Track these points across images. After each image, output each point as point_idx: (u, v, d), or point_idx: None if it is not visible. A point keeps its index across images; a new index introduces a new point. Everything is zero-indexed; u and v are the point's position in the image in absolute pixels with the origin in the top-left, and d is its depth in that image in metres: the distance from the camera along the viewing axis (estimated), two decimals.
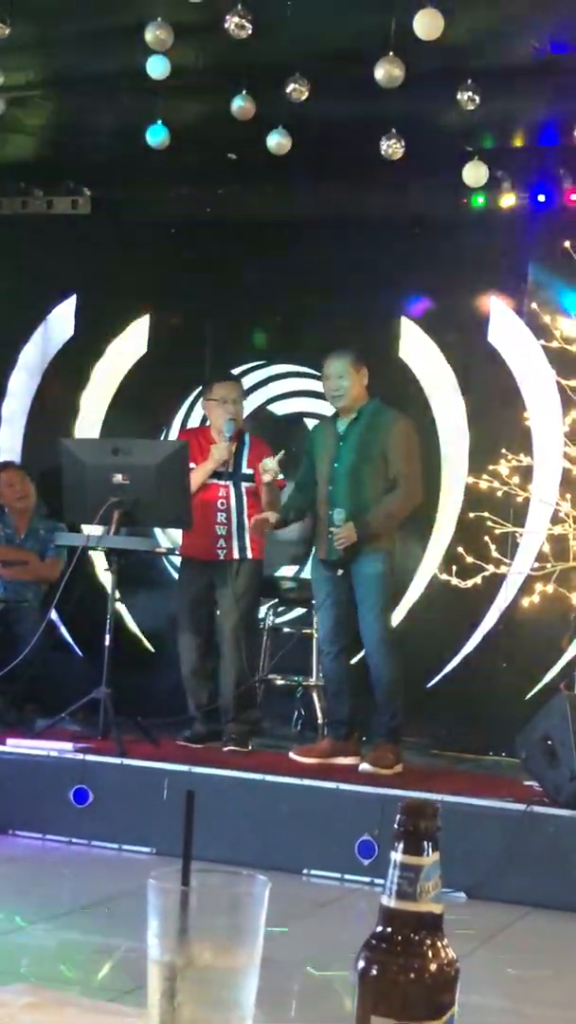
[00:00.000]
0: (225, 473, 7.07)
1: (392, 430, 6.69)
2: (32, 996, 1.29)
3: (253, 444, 7.21)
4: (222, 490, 7.08)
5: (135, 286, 8.95)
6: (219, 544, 7.05)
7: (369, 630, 6.61)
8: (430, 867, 1.03)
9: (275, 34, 6.27)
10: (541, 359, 7.82)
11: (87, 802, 6.25)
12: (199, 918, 1.05)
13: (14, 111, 7.02)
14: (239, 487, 7.10)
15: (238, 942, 1.05)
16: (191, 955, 1.03)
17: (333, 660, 6.79)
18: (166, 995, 1.03)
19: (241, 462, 7.14)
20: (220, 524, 7.05)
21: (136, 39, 6.18)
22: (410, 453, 6.72)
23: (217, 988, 1.04)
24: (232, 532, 7.05)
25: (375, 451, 6.66)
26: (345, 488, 6.63)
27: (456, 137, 7.46)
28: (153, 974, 1.05)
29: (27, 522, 8.34)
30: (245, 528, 7.07)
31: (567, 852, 5.67)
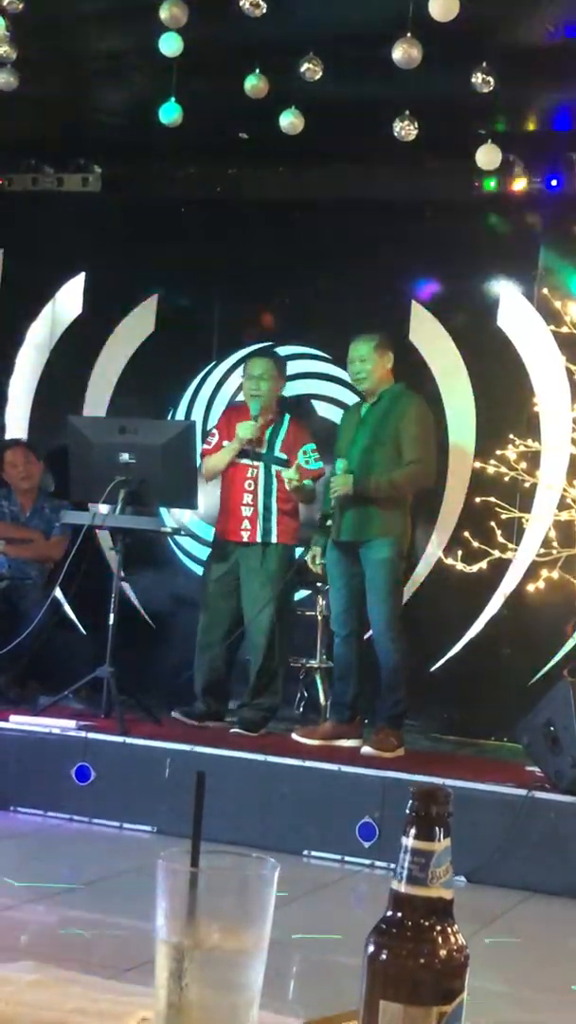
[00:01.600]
0: (255, 452, 6.98)
1: (407, 415, 6.69)
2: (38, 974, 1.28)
3: (291, 427, 7.09)
4: (252, 470, 6.99)
5: (144, 265, 8.93)
6: (244, 526, 6.98)
7: (376, 615, 6.62)
8: (441, 853, 1.03)
9: (289, 13, 6.24)
10: (551, 344, 7.80)
11: (89, 780, 6.26)
12: (208, 899, 1.05)
13: (25, 87, 6.98)
14: (269, 469, 6.98)
15: (246, 924, 1.05)
16: (199, 936, 1.03)
17: (342, 643, 6.79)
18: (174, 975, 1.03)
19: (276, 443, 7.04)
20: (246, 505, 6.98)
21: (150, 16, 6.15)
22: (423, 437, 6.71)
23: (225, 969, 1.04)
24: (257, 514, 6.96)
25: (388, 435, 6.67)
26: (358, 469, 6.64)
27: (469, 120, 7.43)
28: (161, 954, 1.05)
29: (33, 500, 8.33)
30: (272, 511, 6.97)
31: (567, 838, 5.68)
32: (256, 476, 6.98)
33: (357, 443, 6.76)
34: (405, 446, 6.63)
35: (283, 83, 6.63)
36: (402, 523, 6.69)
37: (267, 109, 6.88)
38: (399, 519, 6.67)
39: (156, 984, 1.05)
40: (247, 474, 6.98)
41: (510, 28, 6.63)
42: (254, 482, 6.97)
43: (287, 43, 6.46)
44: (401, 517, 6.68)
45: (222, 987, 1.04)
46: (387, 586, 6.62)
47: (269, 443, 7.01)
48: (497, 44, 6.60)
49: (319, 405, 8.61)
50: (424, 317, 8.37)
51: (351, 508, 6.64)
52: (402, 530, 6.68)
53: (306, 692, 7.97)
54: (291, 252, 8.60)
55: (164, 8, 6.05)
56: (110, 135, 8.55)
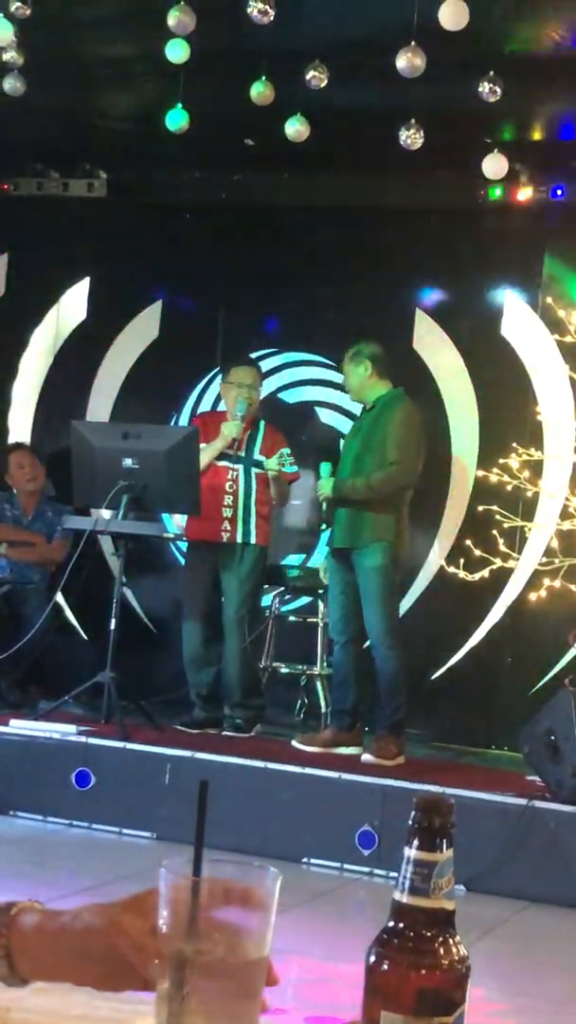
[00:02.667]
0: (235, 456, 7.06)
1: (392, 419, 6.71)
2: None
3: (267, 432, 7.21)
4: (231, 473, 7.08)
5: (149, 270, 8.94)
6: (224, 527, 7.05)
7: (372, 622, 6.60)
8: (444, 863, 1.03)
9: (297, 20, 6.24)
10: (554, 353, 7.81)
11: (89, 785, 6.26)
12: (209, 909, 1.04)
13: (33, 92, 6.99)
14: (249, 472, 7.10)
15: (248, 933, 1.05)
16: (200, 945, 1.03)
17: (340, 650, 6.79)
18: (175, 984, 1.03)
19: (254, 448, 7.14)
20: (226, 507, 7.05)
21: (157, 22, 6.15)
22: (404, 440, 6.67)
23: (226, 979, 1.04)
24: (237, 516, 7.05)
25: (377, 440, 6.69)
26: (349, 475, 6.66)
27: (476, 129, 7.43)
28: (162, 962, 1.05)
29: (35, 504, 8.34)
30: (252, 513, 7.06)
31: (567, 848, 5.67)
32: (236, 478, 7.08)
33: (351, 450, 6.82)
34: (388, 448, 6.64)
35: (289, 90, 6.63)
36: (395, 528, 6.64)
37: (273, 116, 6.89)
38: (391, 524, 6.62)
39: (157, 993, 1.05)
40: (227, 476, 7.06)
41: (517, 37, 6.64)
42: (235, 483, 7.08)
43: (293, 51, 6.46)
44: (394, 522, 6.63)
45: (224, 996, 1.04)
46: (381, 593, 6.60)
47: (247, 447, 7.11)
48: (504, 53, 6.61)
49: (322, 412, 8.62)
50: (428, 325, 8.37)
51: (342, 515, 6.65)
52: (395, 535, 6.64)
53: (306, 699, 7.97)
54: (296, 259, 8.61)
55: (172, 15, 6.06)
56: (116, 141, 8.56)
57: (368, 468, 6.65)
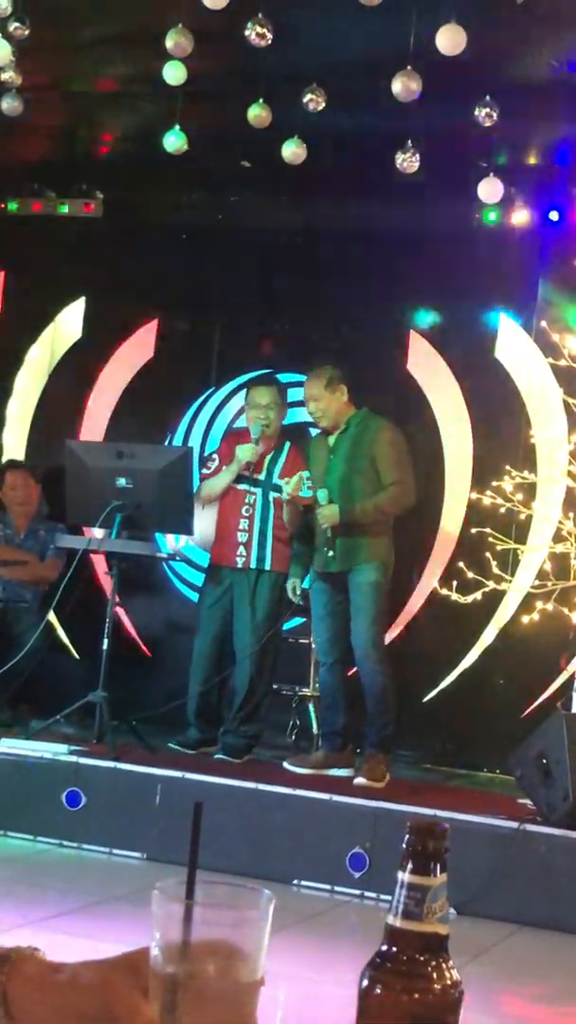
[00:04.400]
0: (251, 479, 6.99)
1: (379, 439, 6.70)
2: None
3: (291, 455, 7.07)
4: (249, 497, 6.99)
5: (144, 291, 8.95)
6: (239, 552, 6.98)
7: (360, 638, 6.59)
8: (437, 888, 1.02)
9: (294, 44, 6.27)
10: (548, 377, 7.81)
11: (79, 805, 6.24)
12: (202, 932, 1.04)
13: (30, 112, 7.01)
14: (267, 496, 6.98)
15: (241, 956, 1.05)
16: (193, 968, 1.03)
17: (328, 671, 6.78)
18: (167, 1007, 1.03)
19: (275, 471, 7.03)
20: (242, 531, 6.98)
21: (155, 44, 6.18)
22: (399, 459, 6.70)
23: (219, 1002, 1.03)
24: (252, 540, 6.96)
25: (364, 462, 6.67)
26: (339, 499, 6.64)
27: (471, 153, 7.46)
28: (154, 985, 1.05)
29: (28, 522, 8.33)
30: (268, 538, 6.96)
31: (558, 871, 5.66)
32: (253, 503, 6.98)
33: (333, 473, 6.74)
34: (383, 469, 6.63)
35: (286, 113, 6.66)
36: (388, 548, 6.69)
37: (270, 138, 6.91)
38: (385, 544, 6.68)
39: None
40: (244, 500, 6.99)
41: (514, 63, 6.67)
42: (251, 508, 6.98)
43: (291, 74, 6.49)
44: (387, 543, 6.69)
45: (216, 1019, 1.03)
46: (373, 608, 6.59)
47: (268, 470, 7.02)
48: (500, 78, 6.64)
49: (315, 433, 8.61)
50: (423, 348, 8.39)
51: (340, 539, 6.63)
52: (387, 555, 6.69)
53: (298, 720, 7.95)
54: (291, 280, 8.63)
55: (170, 37, 6.08)
56: (113, 161, 8.59)
57: (359, 489, 6.64)
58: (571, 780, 5.67)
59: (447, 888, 1.04)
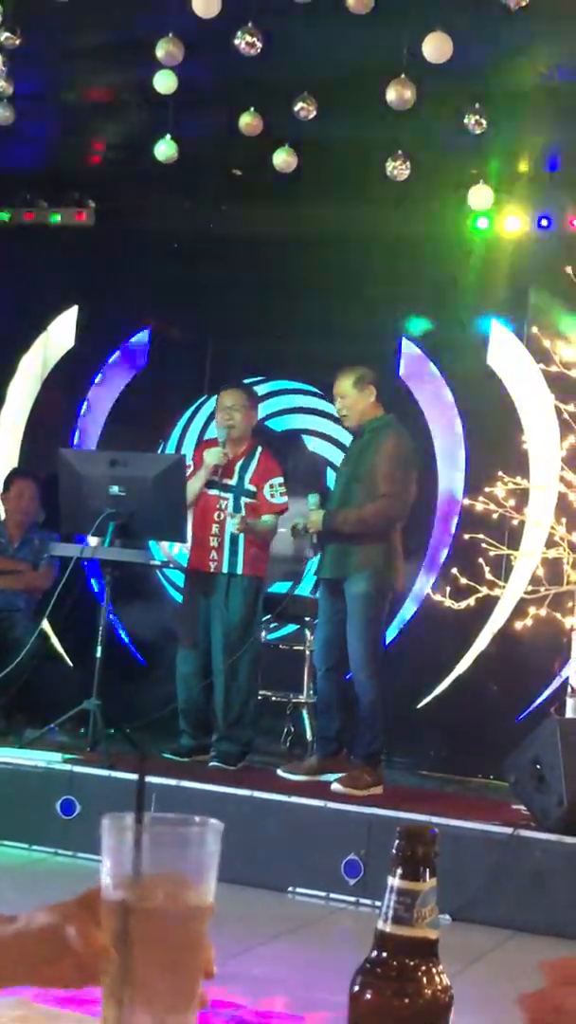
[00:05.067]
0: (223, 484, 7.02)
1: (382, 449, 6.65)
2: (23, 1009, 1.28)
3: (262, 459, 7.11)
4: (221, 502, 7.03)
5: (136, 299, 8.97)
6: (211, 556, 7.02)
7: (354, 649, 6.56)
8: (427, 893, 1.03)
9: (285, 52, 6.29)
10: (540, 383, 7.83)
11: (74, 813, 6.23)
12: (152, 857, 1.06)
13: (21, 121, 7.03)
14: (238, 501, 7.03)
15: (190, 882, 1.07)
16: (143, 893, 1.05)
17: (323, 677, 6.76)
18: (118, 934, 1.05)
19: (245, 475, 7.07)
20: (213, 536, 7.01)
21: (146, 53, 6.20)
22: (396, 471, 6.62)
23: (169, 927, 1.05)
24: (224, 545, 6.99)
25: (365, 469, 6.65)
26: (337, 504, 6.65)
27: (462, 160, 7.49)
28: (106, 914, 1.07)
29: (22, 531, 8.34)
30: (239, 543, 7.00)
31: (552, 877, 5.66)
32: (225, 507, 7.02)
33: (340, 478, 6.83)
34: (379, 480, 6.60)
35: (277, 121, 6.68)
36: (383, 558, 6.58)
37: (261, 146, 6.93)
38: (379, 554, 6.57)
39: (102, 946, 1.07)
40: (216, 505, 7.02)
41: (504, 71, 6.70)
42: (222, 512, 7.00)
43: (282, 82, 6.51)
44: (382, 552, 6.58)
45: (168, 944, 1.05)
46: (364, 620, 6.54)
47: (239, 475, 7.05)
48: (491, 86, 6.66)
49: (309, 440, 8.65)
50: (414, 354, 8.41)
51: (331, 545, 6.64)
52: (382, 565, 6.58)
53: (292, 727, 7.95)
54: (283, 288, 8.64)
55: (161, 46, 6.10)
56: (104, 170, 8.60)
57: (356, 498, 6.63)
58: (565, 785, 5.68)
59: (439, 893, 1.05)
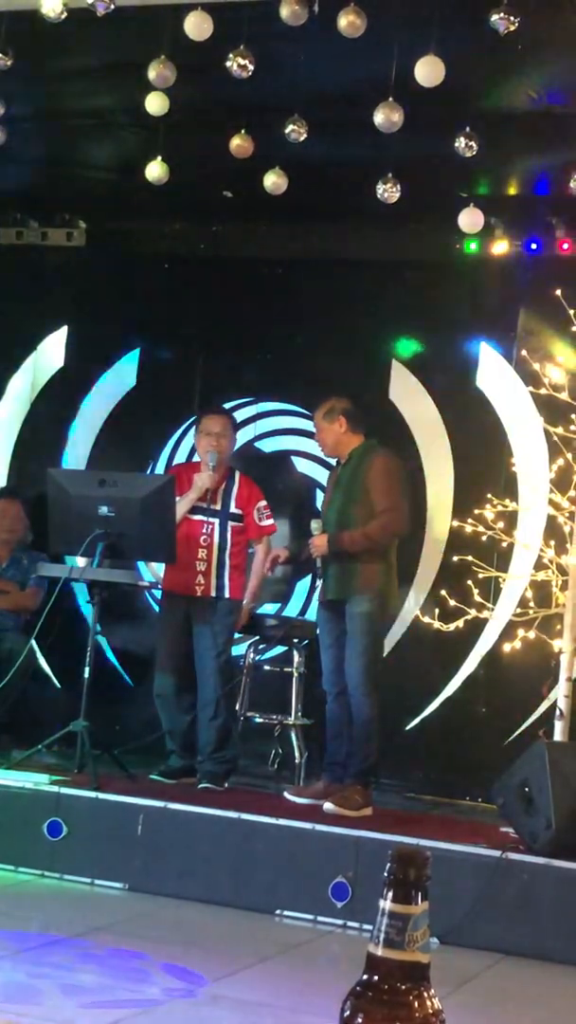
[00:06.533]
0: (209, 509, 7.06)
1: (372, 469, 6.75)
2: None
3: (242, 483, 7.22)
4: (206, 526, 7.08)
5: (127, 319, 8.98)
6: (198, 580, 7.04)
7: (351, 668, 6.59)
8: (419, 916, 1.03)
9: (276, 75, 6.30)
10: (529, 405, 7.85)
11: (61, 835, 6.21)
12: None
13: (12, 142, 7.03)
14: (224, 525, 7.10)
15: None
16: None
17: (334, 701, 6.75)
18: None
19: (229, 500, 7.13)
20: (200, 560, 7.04)
21: (138, 75, 6.21)
22: (389, 487, 6.72)
23: None
24: (212, 569, 7.04)
25: (359, 491, 6.72)
26: (334, 528, 6.68)
27: (452, 183, 7.51)
28: None
29: (10, 551, 8.32)
30: (225, 566, 7.06)
31: (541, 900, 5.64)
32: (211, 532, 7.08)
33: (333, 504, 6.87)
34: (375, 498, 6.67)
35: (268, 143, 6.69)
36: (383, 579, 6.67)
37: (252, 168, 6.94)
38: (380, 575, 6.65)
39: None
40: (202, 530, 7.06)
41: (494, 94, 6.72)
42: (209, 537, 7.07)
43: (273, 104, 6.52)
44: (383, 573, 6.67)
45: None
46: (363, 638, 6.58)
47: (223, 500, 7.11)
48: (481, 109, 6.69)
49: (299, 461, 8.65)
50: (404, 376, 8.42)
51: (333, 567, 6.66)
52: (383, 585, 6.67)
53: (281, 749, 7.93)
54: (273, 309, 8.66)
55: (153, 68, 6.11)
56: (95, 191, 8.62)
57: (354, 519, 6.66)
58: (554, 808, 5.67)
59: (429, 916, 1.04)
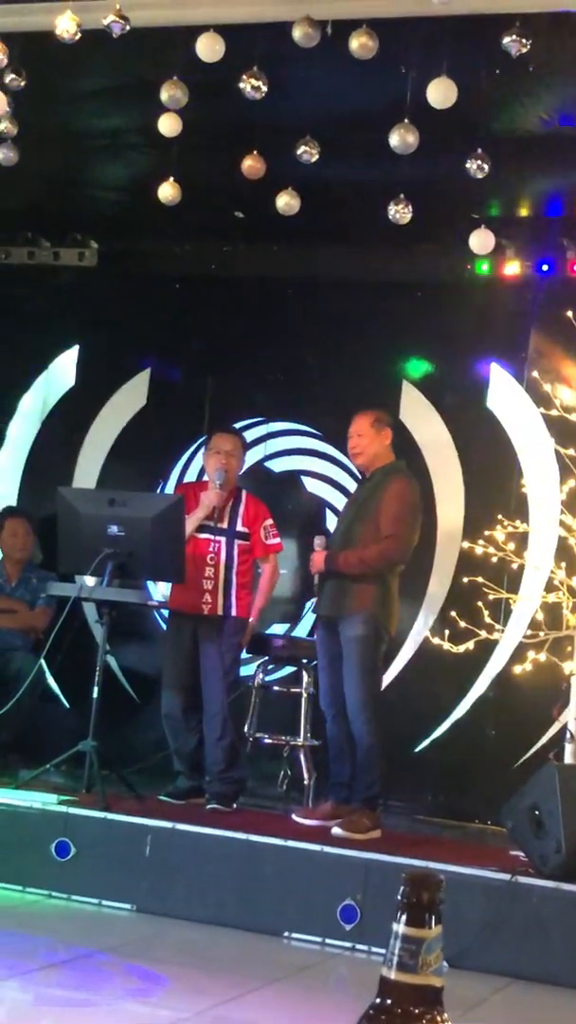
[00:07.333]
0: (216, 528, 7.06)
1: (388, 491, 6.67)
2: None
3: (248, 502, 7.22)
4: (213, 545, 7.06)
5: (137, 339, 9.00)
6: (204, 599, 7.03)
7: (350, 693, 6.52)
8: (433, 940, 1.02)
9: (289, 96, 6.32)
10: (540, 427, 7.85)
11: (68, 856, 6.19)
12: None
13: (25, 162, 7.06)
14: (231, 543, 7.09)
15: None
16: None
17: (332, 722, 6.69)
18: None
19: (236, 519, 7.13)
20: (207, 579, 7.03)
21: (150, 96, 6.23)
22: (398, 514, 6.61)
23: None
24: (219, 588, 7.03)
25: (370, 512, 6.67)
26: (339, 546, 6.66)
27: (464, 204, 7.52)
28: None
29: (20, 570, 8.32)
30: (232, 585, 7.04)
31: (550, 924, 5.61)
32: (218, 551, 7.07)
33: (345, 519, 6.84)
34: (382, 522, 6.59)
35: (280, 164, 6.70)
36: (379, 599, 6.54)
37: (264, 189, 6.96)
38: (375, 595, 6.53)
39: None
40: (209, 549, 7.05)
41: (506, 116, 6.74)
42: (216, 556, 7.05)
43: (285, 126, 6.54)
44: (378, 593, 6.54)
45: None
46: (360, 664, 6.49)
47: (230, 519, 7.11)
48: (492, 131, 6.71)
49: (308, 482, 8.64)
50: (415, 396, 8.42)
51: (328, 584, 6.64)
52: (378, 607, 6.53)
53: (289, 770, 7.90)
54: (284, 330, 8.67)
55: (165, 89, 6.13)
56: (107, 211, 8.65)
57: (358, 538, 6.63)
58: (564, 832, 5.64)
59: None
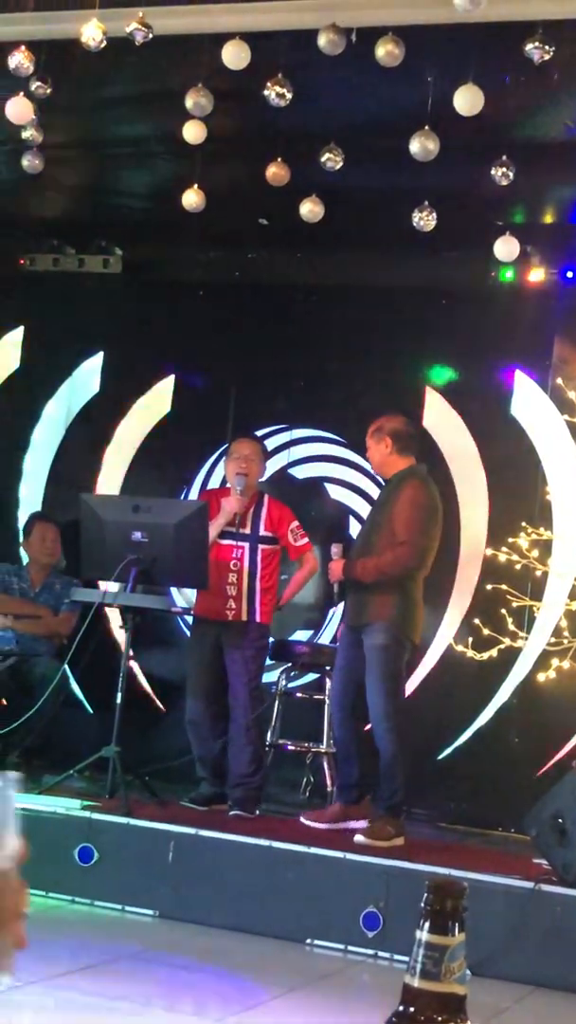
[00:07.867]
0: (239, 534, 7.05)
1: (402, 497, 6.66)
2: None
3: (271, 506, 7.20)
4: (236, 551, 7.05)
5: (162, 346, 9.01)
6: (228, 605, 7.03)
7: (371, 703, 6.51)
8: (456, 947, 1.02)
9: (313, 104, 6.33)
10: (564, 434, 7.83)
11: (92, 861, 6.20)
12: None
13: (51, 169, 7.09)
14: (255, 549, 7.08)
15: None
16: None
17: (340, 725, 6.73)
18: None
19: (259, 524, 7.12)
20: (231, 584, 7.02)
21: (175, 103, 6.25)
22: (411, 519, 6.58)
23: None
24: (242, 593, 7.03)
25: (387, 517, 6.66)
26: (356, 553, 6.68)
27: (488, 211, 7.51)
28: None
29: (44, 576, 8.35)
30: (256, 591, 7.03)
31: (573, 932, 5.59)
32: (241, 556, 7.06)
33: (364, 527, 6.88)
34: (396, 528, 6.57)
35: (304, 171, 6.71)
36: (399, 608, 6.51)
37: (288, 196, 6.97)
38: (395, 604, 6.51)
39: None
40: (232, 555, 7.05)
41: (529, 123, 6.73)
42: (239, 562, 7.05)
43: (309, 133, 6.55)
44: (397, 603, 6.51)
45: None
46: (381, 674, 6.48)
47: (253, 524, 7.09)
48: (516, 138, 6.70)
49: (332, 488, 8.64)
50: (438, 404, 8.41)
51: (351, 594, 6.65)
52: (397, 616, 6.50)
53: (312, 777, 7.90)
54: (308, 336, 8.67)
55: (190, 97, 6.14)
56: (132, 218, 8.67)
57: (374, 545, 6.63)
58: None
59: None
